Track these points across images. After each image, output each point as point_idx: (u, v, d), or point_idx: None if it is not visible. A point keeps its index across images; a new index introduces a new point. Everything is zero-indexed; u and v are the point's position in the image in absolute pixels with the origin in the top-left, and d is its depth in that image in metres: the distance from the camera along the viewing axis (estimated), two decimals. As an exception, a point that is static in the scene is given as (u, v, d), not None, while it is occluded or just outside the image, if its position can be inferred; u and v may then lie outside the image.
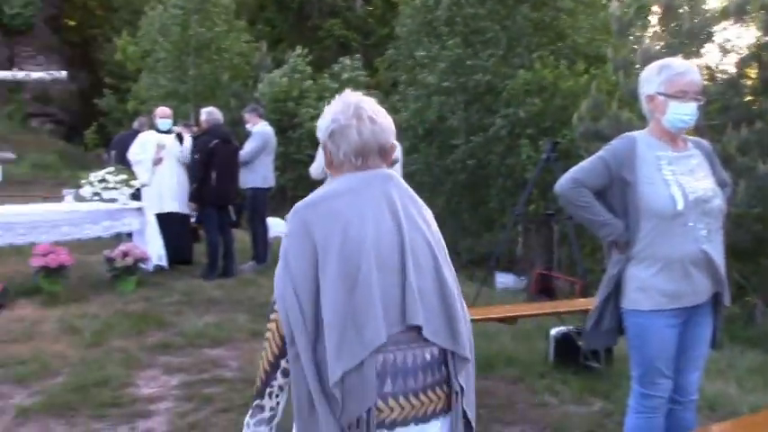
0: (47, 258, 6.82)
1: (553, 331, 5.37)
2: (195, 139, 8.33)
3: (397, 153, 7.02)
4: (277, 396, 1.98)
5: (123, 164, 8.81)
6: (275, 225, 9.33)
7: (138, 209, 7.81)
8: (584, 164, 3.17)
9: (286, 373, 1.96)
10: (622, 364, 4.83)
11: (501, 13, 15.41)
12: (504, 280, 11.89)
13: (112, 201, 7.71)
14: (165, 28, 16.42)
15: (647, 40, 9.67)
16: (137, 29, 18.62)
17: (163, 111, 8.86)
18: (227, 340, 5.77)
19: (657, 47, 9.03)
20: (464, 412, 1.98)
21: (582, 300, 5.98)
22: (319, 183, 2.39)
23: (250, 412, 1.99)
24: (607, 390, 4.78)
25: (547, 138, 10.67)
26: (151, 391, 4.67)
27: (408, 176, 13.96)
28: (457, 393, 1.95)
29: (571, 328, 5.36)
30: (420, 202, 2.04)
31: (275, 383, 1.97)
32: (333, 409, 1.81)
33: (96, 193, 7.75)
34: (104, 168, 8.25)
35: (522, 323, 5.97)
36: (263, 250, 8.95)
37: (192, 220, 9.17)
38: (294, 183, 14.93)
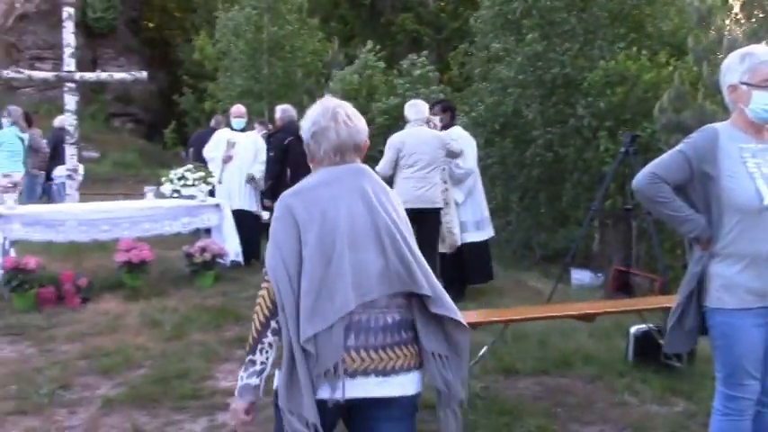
0: (129, 254, 7.02)
1: (633, 329, 5.21)
2: (270, 136, 8.42)
3: (457, 145, 6.96)
4: (267, 352, 2.34)
5: (201, 161, 9.01)
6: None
7: (216, 205, 7.97)
8: (663, 158, 3.06)
9: (275, 332, 2.31)
10: (705, 364, 4.67)
11: (578, 5, 15.09)
12: (579, 276, 11.62)
13: (191, 197, 7.89)
14: (238, 28, 16.70)
15: (729, 29, 9.32)
16: (214, 29, 19.00)
17: (238, 109, 9.00)
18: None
19: (740, 35, 8.69)
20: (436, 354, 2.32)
21: (662, 297, 5.78)
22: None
23: (243, 367, 2.34)
24: (690, 390, 4.62)
25: (626, 130, 10.39)
26: (229, 385, 4.74)
27: (483, 170, 13.85)
28: (434, 354, 2.31)
29: (651, 326, 5.19)
30: (389, 190, 2.46)
31: (266, 341, 2.33)
32: (308, 362, 2.19)
33: (176, 191, 7.94)
34: (183, 166, 8.45)
35: (600, 321, 5.81)
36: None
37: (266, 217, 9.30)
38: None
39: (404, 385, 2.29)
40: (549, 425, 4.13)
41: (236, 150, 8.65)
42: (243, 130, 8.82)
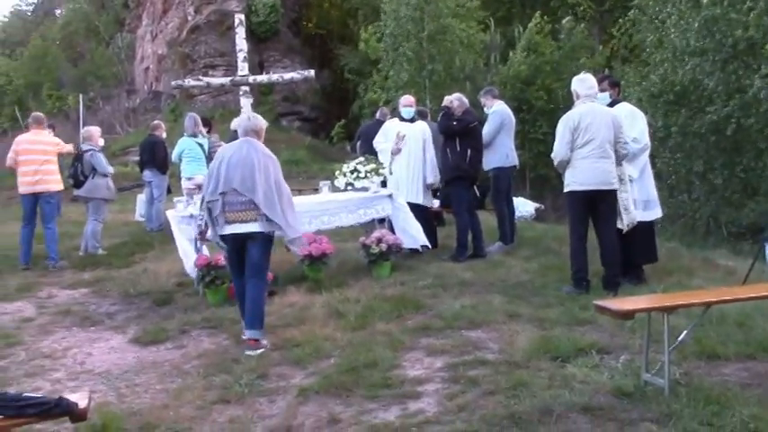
0: (311, 247, 7.24)
1: None
2: (453, 121, 8.30)
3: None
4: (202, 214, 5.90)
5: (369, 154, 9.13)
6: (521, 205, 9.17)
7: (389, 195, 8.06)
8: None
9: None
10: None
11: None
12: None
13: (364, 189, 8.02)
14: (401, 20, 16.83)
15: None
16: (376, 23, 19.30)
17: (406, 99, 9.02)
18: (484, 322, 5.75)
19: None
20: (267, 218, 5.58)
21: None
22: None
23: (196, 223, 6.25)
24: None
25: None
26: (418, 373, 4.77)
27: (661, 142, 13.05)
28: (264, 216, 5.54)
29: None
30: (262, 149, 5.78)
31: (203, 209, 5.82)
32: (211, 215, 5.68)
33: (349, 183, 8.12)
34: (353, 160, 8.61)
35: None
36: (510, 231, 8.85)
37: (436, 204, 9.31)
38: (534, 161, 14.65)
39: (249, 226, 5.56)
40: (764, 414, 3.79)
41: (405, 141, 8.69)
42: (412, 120, 8.83)
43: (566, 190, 6.54)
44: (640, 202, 6.90)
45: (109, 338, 6.25)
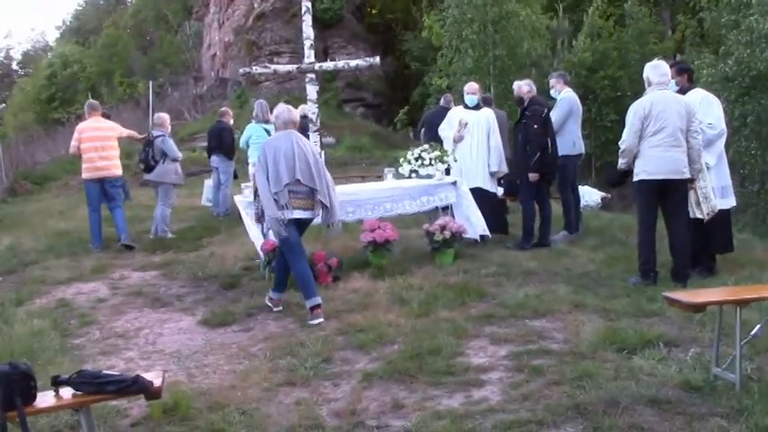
0: (374, 234, 7.30)
1: None
2: (525, 110, 8.23)
3: None
4: (256, 204, 6.24)
5: (433, 141, 9.11)
6: (587, 194, 9.03)
7: (453, 183, 8.04)
8: None
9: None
10: None
11: None
12: None
13: (428, 177, 8.03)
14: (464, 6, 16.70)
15: None
16: (439, 10, 19.18)
17: (470, 86, 8.96)
18: (548, 311, 5.70)
19: None
20: (324, 205, 6.13)
21: None
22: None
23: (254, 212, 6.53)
24: None
25: None
26: (481, 361, 4.77)
27: (737, 129, 12.57)
28: (322, 203, 6.09)
29: None
30: (306, 141, 6.36)
31: (257, 200, 6.18)
32: (278, 203, 5.94)
33: (413, 171, 8.13)
34: (415, 147, 8.62)
35: None
36: (575, 219, 8.74)
37: (500, 192, 9.24)
38: (600, 149, 14.37)
39: (308, 213, 6.12)
40: (840, 412, 3.67)
41: (469, 129, 8.64)
42: (476, 107, 8.77)
43: (635, 179, 6.41)
44: (717, 189, 6.72)
45: (179, 320, 6.44)
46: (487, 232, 8.24)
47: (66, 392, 3.52)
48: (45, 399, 3.47)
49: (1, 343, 5.73)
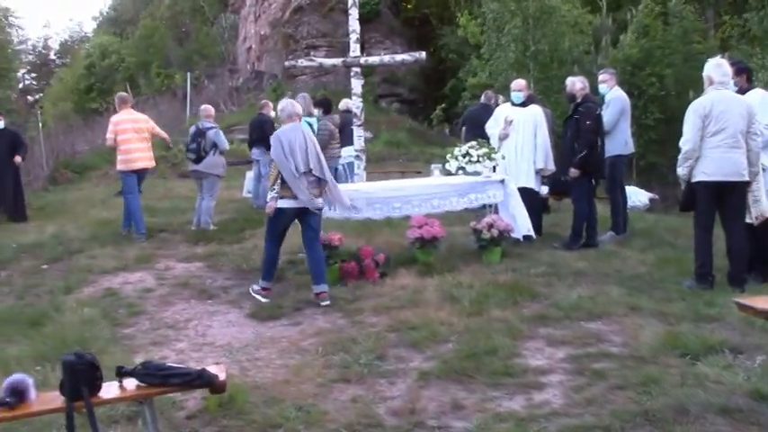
0: (422, 230, 7.22)
1: None
2: (578, 106, 8.07)
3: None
4: (275, 189, 6.45)
5: (475, 138, 8.97)
6: (634, 194, 8.86)
7: (500, 181, 7.94)
8: None
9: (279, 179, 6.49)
10: None
11: None
12: None
13: (476, 174, 7.93)
14: (504, 1, 16.52)
15: None
16: (476, 6, 19.00)
17: (518, 83, 8.82)
18: (603, 314, 5.59)
19: None
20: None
21: None
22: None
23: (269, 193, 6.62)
24: None
25: None
26: (540, 363, 4.69)
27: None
28: (328, 187, 6.65)
29: None
30: (310, 133, 6.78)
31: (276, 184, 6.43)
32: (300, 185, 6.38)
33: (461, 167, 8.03)
34: (454, 144, 8.50)
35: None
36: (623, 220, 8.59)
37: (544, 191, 9.11)
38: (643, 148, 14.11)
39: (317, 201, 6.54)
40: None
41: (515, 126, 8.51)
42: (523, 105, 8.65)
43: (693, 180, 6.26)
44: None
45: (226, 312, 6.43)
46: (532, 233, 8.13)
47: (130, 384, 3.49)
48: (109, 389, 3.45)
49: (53, 330, 5.77)
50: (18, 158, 11.75)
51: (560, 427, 3.74)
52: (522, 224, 7.99)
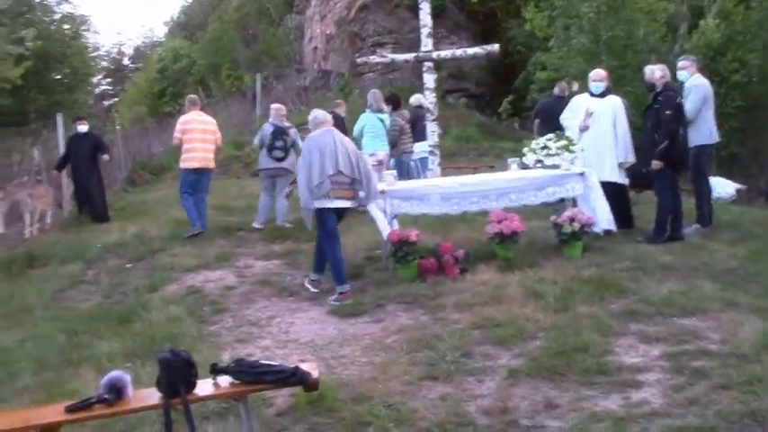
0: (501, 225, 7.10)
1: None
2: (657, 95, 7.82)
3: None
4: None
5: (549, 131, 8.75)
6: (719, 185, 8.53)
7: (580, 174, 7.74)
8: None
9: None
10: None
11: None
12: None
13: (555, 167, 7.76)
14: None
15: None
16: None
17: (597, 73, 8.57)
18: (697, 309, 5.38)
19: None
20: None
21: None
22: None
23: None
24: None
25: None
26: (634, 361, 4.53)
27: None
28: (360, 192, 6.76)
29: None
30: (344, 137, 6.91)
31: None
32: (318, 192, 6.52)
33: (539, 161, 7.87)
34: (525, 138, 8.33)
35: None
36: (708, 212, 8.27)
37: (626, 182, 8.85)
38: (726, 138, 13.58)
39: (348, 203, 6.79)
40: None
41: (594, 117, 8.29)
42: (602, 95, 8.41)
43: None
44: None
45: (308, 309, 6.45)
46: (613, 226, 7.90)
47: (224, 381, 3.52)
48: (204, 387, 3.48)
49: (142, 328, 5.89)
50: (106, 156, 12.11)
51: (662, 428, 3.61)
52: (602, 217, 7.77)
